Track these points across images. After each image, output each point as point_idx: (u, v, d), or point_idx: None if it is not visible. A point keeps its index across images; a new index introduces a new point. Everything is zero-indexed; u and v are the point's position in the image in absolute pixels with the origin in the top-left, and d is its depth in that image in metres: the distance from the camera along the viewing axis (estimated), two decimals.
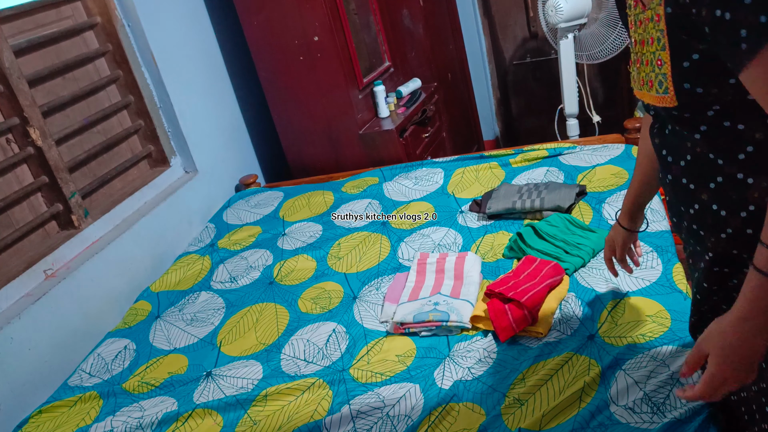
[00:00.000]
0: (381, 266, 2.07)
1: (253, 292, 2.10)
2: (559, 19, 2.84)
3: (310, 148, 3.04)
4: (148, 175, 2.58)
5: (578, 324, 1.55)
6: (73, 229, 2.17)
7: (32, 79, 2.07)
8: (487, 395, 1.42)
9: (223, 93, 2.99)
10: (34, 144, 2.04)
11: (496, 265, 1.91)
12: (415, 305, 1.74)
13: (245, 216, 2.63)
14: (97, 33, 2.41)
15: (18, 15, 2.09)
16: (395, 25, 3.35)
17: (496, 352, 1.54)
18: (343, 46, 2.79)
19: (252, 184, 2.93)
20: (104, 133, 2.40)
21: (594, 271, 1.75)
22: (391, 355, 1.64)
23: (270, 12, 2.76)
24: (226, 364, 1.78)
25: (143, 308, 2.14)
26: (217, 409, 1.59)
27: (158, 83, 2.55)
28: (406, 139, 2.90)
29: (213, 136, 2.86)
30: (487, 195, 2.26)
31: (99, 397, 1.75)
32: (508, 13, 4.03)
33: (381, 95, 2.96)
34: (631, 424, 1.24)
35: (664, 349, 1.38)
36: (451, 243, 2.10)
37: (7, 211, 2.00)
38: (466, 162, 2.58)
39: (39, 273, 1.99)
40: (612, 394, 1.32)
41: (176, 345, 1.93)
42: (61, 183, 2.11)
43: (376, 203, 2.47)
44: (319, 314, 1.90)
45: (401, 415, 1.43)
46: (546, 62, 4.05)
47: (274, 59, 2.86)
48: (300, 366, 1.70)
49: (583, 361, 1.43)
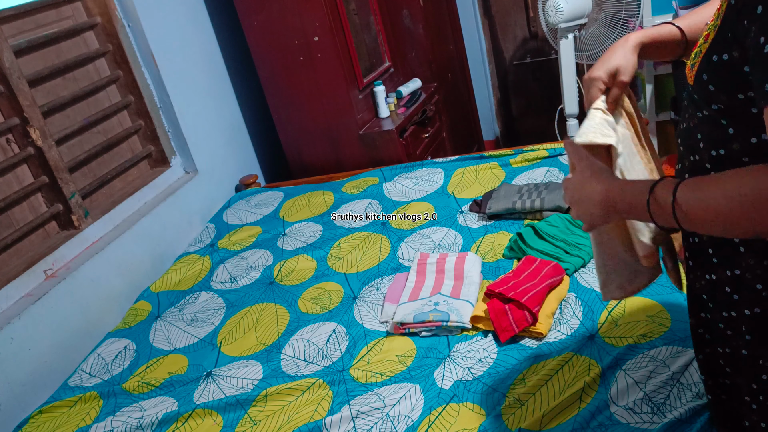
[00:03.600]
0: (381, 266, 2.07)
1: (253, 293, 2.10)
2: (560, 19, 2.84)
3: (310, 148, 3.04)
4: (148, 175, 2.58)
5: (578, 324, 1.56)
6: (73, 229, 2.17)
7: (32, 79, 2.07)
8: (487, 395, 1.42)
9: (223, 93, 2.99)
10: (34, 144, 2.04)
11: (496, 266, 1.91)
12: (416, 305, 1.74)
13: (245, 216, 2.63)
14: (97, 33, 2.41)
15: (18, 15, 2.09)
16: (395, 25, 3.35)
17: (496, 353, 1.54)
18: (343, 46, 2.79)
19: (252, 184, 2.93)
20: (104, 133, 2.40)
21: (594, 271, 1.75)
22: (391, 356, 1.64)
23: (270, 12, 2.76)
24: (226, 365, 1.78)
25: (143, 308, 2.14)
26: (217, 409, 1.59)
27: (158, 83, 2.55)
28: (406, 139, 2.90)
29: (213, 136, 2.86)
30: (487, 195, 2.26)
31: (99, 397, 1.75)
32: (508, 13, 4.03)
33: (381, 95, 2.96)
34: (631, 425, 1.24)
35: (664, 349, 1.38)
36: (451, 243, 2.10)
37: (7, 211, 2.00)
38: (466, 162, 2.58)
39: (39, 273, 1.99)
40: (612, 394, 1.32)
41: (176, 345, 1.93)
42: (62, 183, 2.11)
43: (376, 203, 2.47)
44: (320, 314, 1.90)
45: (401, 415, 1.43)
46: (546, 62, 4.06)
47: (274, 59, 2.86)
48: (300, 366, 1.70)
49: (583, 361, 1.42)
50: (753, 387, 0.97)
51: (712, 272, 0.95)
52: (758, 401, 0.97)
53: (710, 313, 1.01)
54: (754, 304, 0.90)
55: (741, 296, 0.91)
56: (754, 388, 0.97)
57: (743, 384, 0.98)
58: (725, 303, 0.94)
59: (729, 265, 0.91)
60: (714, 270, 0.94)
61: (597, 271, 1.09)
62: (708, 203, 0.76)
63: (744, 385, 0.98)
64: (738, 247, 0.89)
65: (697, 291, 1.03)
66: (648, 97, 3.28)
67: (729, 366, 1.02)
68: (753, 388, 0.97)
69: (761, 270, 0.87)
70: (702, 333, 1.07)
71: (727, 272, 0.92)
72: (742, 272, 0.89)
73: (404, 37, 3.38)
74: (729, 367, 1.02)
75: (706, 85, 0.83)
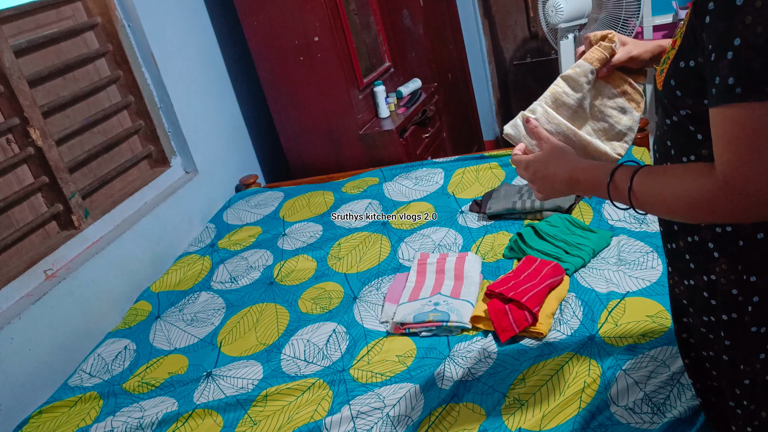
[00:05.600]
0: (381, 266, 2.07)
1: (253, 293, 2.10)
2: (560, 20, 2.84)
3: (311, 148, 3.04)
4: (149, 175, 2.58)
5: (578, 324, 1.56)
6: (73, 230, 2.17)
7: (32, 79, 2.07)
8: (487, 395, 1.42)
9: (223, 93, 2.99)
10: (34, 144, 2.04)
11: (496, 266, 1.91)
12: (416, 305, 1.74)
13: (245, 216, 2.63)
14: (98, 33, 2.41)
15: (18, 15, 2.09)
16: (395, 26, 3.35)
17: (497, 353, 1.54)
18: (343, 46, 2.79)
19: (252, 184, 2.93)
20: (104, 133, 2.40)
21: (594, 271, 1.75)
22: (392, 356, 1.64)
23: (270, 12, 2.76)
24: (227, 365, 1.78)
25: (143, 308, 2.14)
26: (217, 409, 1.59)
27: (158, 83, 2.55)
28: (406, 139, 2.90)
29: (213, 136, 2.86)
30: (488, 195, 2.26)
31: (99, 397, 1.75)
32: (508, 14, 4.03)
33: (381, 95, 2.96)
34: (631, 425, 1.24)
35: (664, 349, 1.38)
36: (452, 243, 2.10)
37: (7, 211, 2.00)
38: (466, 162, 2.58)
39: (39, 273, 2.00)
40: (612, 394, 1.32)
41: (176, 345, 1.93)
42: (62, 183, 2.11)
43: (376, 203, 2.47)
44: (320, 314, 1.90)
45: (401, 415, 1.43)
46: (546, 62, 4.06)
47: (274, 59, 2.86)
48: (300, 366, 1.70)
49: (583, 361, 1.42)
50: (736, 392, 0.97)
51: (690, 278, 0.96)
52: (742, 406, 0.96)
53: (691, 318, 1.02)
54: (730, 310, 0.91)
55: (717, 301, 0.92)
56: (737, 393, 0.96)
57: (726, 388, 0.99)
58: (704, 308, 0.95)
59: (704, 271, 0.92)
60: (692, 275, 0.96)
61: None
62: (657, 194, 0.85)
63: (727, 389, 0.98)
64: (712, 253, 0.90)
65: (677, 296, 1.04)
66: (648, 96, 3.28)
67: (714, 370, 1.02)
68: (736, 393, 0.97)
69: (735, 275, 0.88)
70: (686, 337, 1.07)
71: (703, 278, 0.93)
72: (717, 277, 0.91)
73: (404, 37, 3.38)
74: (714, 371, 1.02)
75: (673, 90, 0.86)
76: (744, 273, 0.87)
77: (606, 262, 1.77)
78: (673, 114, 0.89)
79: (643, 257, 1.73)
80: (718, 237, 0.89)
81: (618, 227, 1.93)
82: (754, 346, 0.90)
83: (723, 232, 0.88)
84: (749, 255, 0.86)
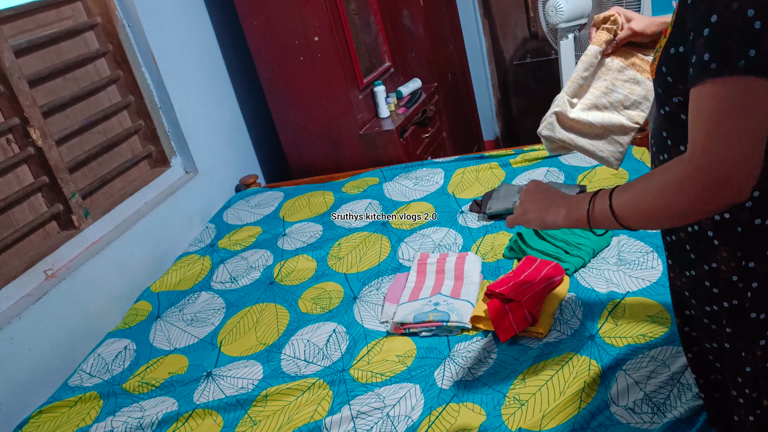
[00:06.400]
0: (381, 266, 2.07)
1: (253, 293, 2.10)
2: (560, 20, 2.84)
3: (311, 148, 3.04)
4: (149, 175, 2.58)
5: (578, 324, 1.55)
6: (73, 230, 2.17)
7: (32, 79, 2.07)
8: (487, 395, 1.42)
9: (223, 93, 2.99)
10: (34, 144, 2.04)
11: (496, 266, 1.91)
12: (416, 305, 1.74)
13: (245, 216, 2.63)
14: (98, 33, 2.41)
15: (18, 15, 2.09)
16: (395, 26, 3.34)
17: (496, 353, 1.54)
18: (343, 46, 2.79)
19: (252, 184, 2.93)
20: (104, 133, 2.40)
21: (594, 271, 1.75)
22: (392, 356, 1.64)
23: (270, 12, 2.76)
24: (227, 365, 1.78)
25: (143, 308, 2.14)
26: (218, 409, 1.59)
27: (158, 83, 2.55)
28: (406, 139, 2.90)
29: (213, 136, 2.86)
30: (488, 195, 2.26)
31: (99, 397, 1.75)
32: (508, 14, 4.03)
33: (381, 95, 2.96)
34: (631, 425, 1.24)
35: (664, 349, 1.38)
36: (452, 243, 2.10)
37: (7, 211, 2.00)
38: (466, 162, 2.58)
39: (39, 273, 2.00)
40: (612, 394, 1.32)
41: (176, 345, 1.93)
42: (62, 183, 2.11)
43: (376, 203, 2.47)
44: (320, 314, 1.90)
45: (401, 415, 1.43)
46: (546, 62, 4.05)
47: (274, 59, 2.86)
48: (300, 366, 1.70)
49: (583, 361, 1.43)
50: (738, 380, 0.97)
51: (691, 268, 0.97)
52: (744, 394, 0.97)
53: (693, 309, 1.02)
54: (731, 297, 0.92)
55: (720, 289, 0.93)
56: (739, 382, 0.97)
57: (729, 378, 0.99)
58: (706, 297, 0.96)
59: (706, 260, 0.93)
60: (693, 266, 0.96)
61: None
62: (635, 201, 0.84)
63: (730, 379, 0.99)
64: (712, 241, 0.91)
65: (678, 289, 1.05)
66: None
67: (717, 361, 1.03)
68: (738, 382, 0.98)
69: (735, 262, 0.89)
70: (688, 331, 1.08)
71: (704, 267, 0.94)
72: (718, 265, 0.92)
73: (404, 37, 3.38)
74: (717, 362, 1.03)
75: (665, 77, 0.86)
76: (743, 259, 0.89)
77: (606, 262, 1.77)
78: (667, 103, 0.89)
79: (643, 257, 1.73)
80: (717, 225, 0.89)
81: None
82: (754, 333, 0.92)
83: (722, 220, 0.89)
84: (747, 241, 0.87)
